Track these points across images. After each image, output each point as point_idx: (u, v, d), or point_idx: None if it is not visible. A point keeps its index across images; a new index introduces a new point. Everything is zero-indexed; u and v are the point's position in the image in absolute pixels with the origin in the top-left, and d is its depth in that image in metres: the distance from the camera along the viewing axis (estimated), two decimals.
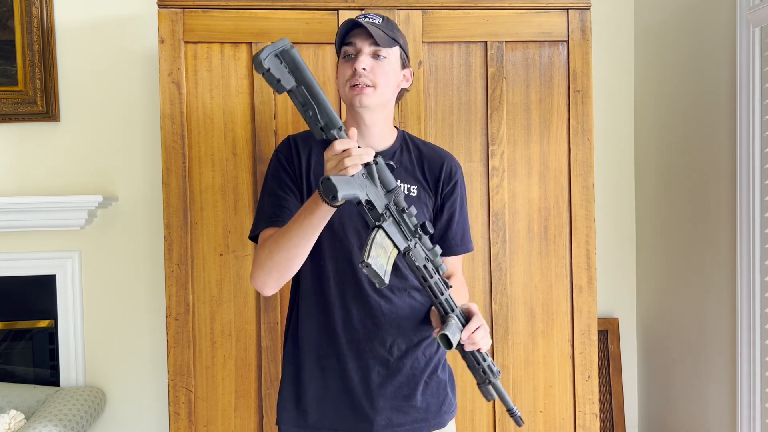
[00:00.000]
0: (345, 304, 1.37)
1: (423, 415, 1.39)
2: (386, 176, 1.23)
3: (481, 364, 1.30)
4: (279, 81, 1.15)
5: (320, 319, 1.39)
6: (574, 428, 1.90)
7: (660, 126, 2.36)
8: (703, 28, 2.11)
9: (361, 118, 1.38)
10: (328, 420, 1.37)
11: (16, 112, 2.21)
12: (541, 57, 1.88)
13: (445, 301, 1.27)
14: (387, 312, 1.37)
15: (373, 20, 1.36)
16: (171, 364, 1.79)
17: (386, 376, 1.37)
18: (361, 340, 1.36)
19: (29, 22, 2.19)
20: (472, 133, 1.86)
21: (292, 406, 1.40)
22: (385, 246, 1.21)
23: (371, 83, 1.33)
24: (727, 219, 2.00)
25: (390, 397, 1.37)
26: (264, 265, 1.30)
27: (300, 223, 1.25)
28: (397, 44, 1.37)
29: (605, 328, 2.46)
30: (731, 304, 1.99)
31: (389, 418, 1.36)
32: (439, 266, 1.28)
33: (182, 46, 1.78)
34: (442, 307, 1.28)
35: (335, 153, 1.17)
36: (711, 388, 2.11)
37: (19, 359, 2.29)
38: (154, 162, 2.26)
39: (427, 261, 1.26)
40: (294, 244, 1.26)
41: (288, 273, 1.30)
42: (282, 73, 1.15)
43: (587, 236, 1.88)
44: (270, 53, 1.13)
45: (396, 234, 1.23)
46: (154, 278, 2.28)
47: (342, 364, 1.37)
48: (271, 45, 1.15)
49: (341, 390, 1.37)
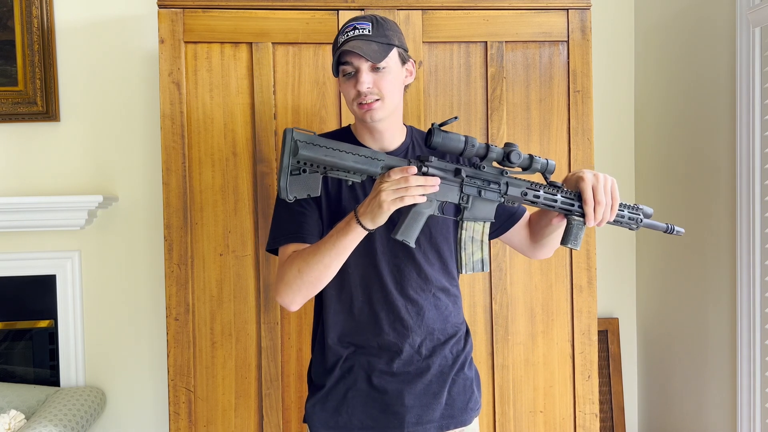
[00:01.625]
0: (372, 309, 1.37)
1: (450, 411, 1.40)
2: (450, 143, 1.23)
3: (624, 218, 1.33)
4: (309, 195, 1.19)
5: (348, 324, 1.39)
6: (574, 428, 1.90)
7: (660, 126, 2.36)
8: (703, 28, 2.11)
9: (372, 127, 1.38)
10: (358, 420, 1.38)
11: (16, 112, 2.21)
12: (541, 57, 1.88)
13: (560, 206, 1.29)
14: (414, 314, 1.38)
15: (363, 30, 1.31)
16: (171, 364, 1.79)
17: (415, 374, 1.38)
18: (390, 343, 1.37)
19: (29, 22, 2.19)
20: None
21: (321, 408, 1.40)
22: (474, 235, 1.28)
23: (378, 96, 1.32)
24: (727, 219, 2.00)
25: (419, 395, 1.38)
26: (292, 284, 1.30)
27: (332, 244, 1.25)
28: (392, 48, 1.33)
29: (605, 328, 2.46)
30: (731, 304, 1.99)
31: (419, 415, 1.38)
32: (544, 169, 1.28)
33: (182, 46, 1.78)
34: (564, 210, 1.29)
35: (395, 178, 1.18)
36: (711, 388, 2.11)
37: (19, 359, 2.29)
38: (154, 162, 2.26)
39: (527, 188, 1.28)
40: (326, 265, 1.27)
41: (316, 290, 1.32)
42: (307, 181, 1.18)
43: (587, 236, 1.88)
44: (286, 181, 1.17)
45: (480, 208, 1.27)
46: (154, 278, 2.28)
47: (371, 366, 1.38)
48: (281, 165, 1.18)
49: (371, 390, 1.38)
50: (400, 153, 1.41)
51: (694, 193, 2.18)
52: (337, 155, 1.19)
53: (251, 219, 1.81)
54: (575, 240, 1.30)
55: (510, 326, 1.88)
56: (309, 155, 1.17)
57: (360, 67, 1.30)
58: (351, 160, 1.20)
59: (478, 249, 1.28)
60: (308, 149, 1.17)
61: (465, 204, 1.27)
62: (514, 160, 1.25)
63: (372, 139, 1.40)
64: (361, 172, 1.21)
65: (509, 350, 1.88)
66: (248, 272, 1.81)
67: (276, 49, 1.81)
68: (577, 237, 1.30)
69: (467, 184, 1.26)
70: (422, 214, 1.23)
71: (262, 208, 1.80)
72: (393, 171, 1.19)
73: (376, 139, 1.40)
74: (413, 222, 1.23)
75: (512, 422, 1.88)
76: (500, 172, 1.28)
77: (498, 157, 1.26)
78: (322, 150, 1.18)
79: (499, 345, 1.87)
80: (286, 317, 1.82)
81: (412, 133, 1.47)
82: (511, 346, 1.88)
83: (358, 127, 1.42)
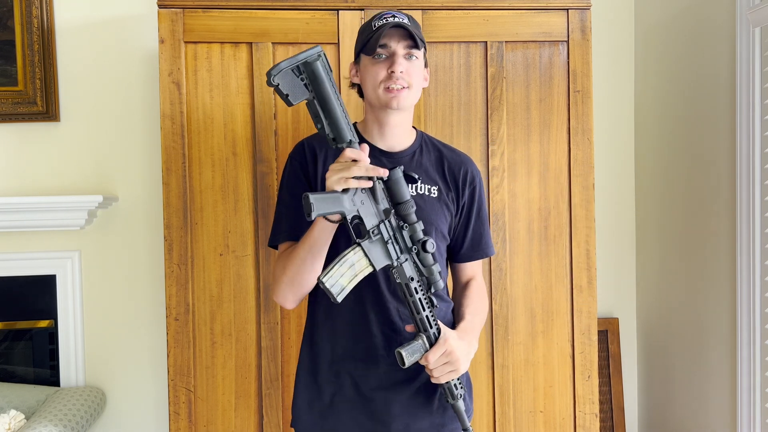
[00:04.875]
0: (363, 310, 1.35)
1: (440, 420, 1.37)
2: (399, 189, 1.24)
3: (452, 388, 1.32)
4: (287, 96, 1.17)
5: (337, 324, 1.38)
6: (574, 428, 1.90)
7: (660, 126, 2.36)
8: (703, 28, 2.11)
9: (386, 120, 1.37)
10: (344, 425, 1.36)
11: (16, 112, 2.21)
12: (541, 57, 1.88)
13: (421, 319, 1.27)
14: (405, 318, 1.35)
15: (402, 20, 1.33)
16: (171, 364, 1.79)
17: (403, 381, 1.35)
18: (379, 346, 1.35)
19: (29, 22, 2.19)
20: (472, 133, 1.86)
21: (307, 410, 1.39)
22: (356, 265, 1.23)
23: (407, 84, 1.32)
24: (727, 219, 2.00)
25: (406, 403, 1.35)
26: (280, 281, 1.33)
27: (305, 239, 1.28)
28: (423, 44, 1.35)
29: (605, 328, 2.46)
30: (731, 304, 1.99)
31: (406, 423, 1.34)
32: (434, 282, 1.28)
33: (182, 46, 1.78)
34: (422, 325, 1.28)
35: (344, 161, 1.19)
36: (711, 388, 2.11)
37: (19, 359, 2.29)
38: (154, 162, 2.26)
39: (411, 280, 1.26)
40: (302, 259, 1.28)
41: (304, 287, 1.31)
42: (294, 86, 1.17)
43: (587, 236, 1.88)
44: (286, 68, 1.16)
45: (378, 252, 1.23)
46: (154, 278, 2.28)
47: (359, 370, 1.36)
48: (295, 56, 1.17)
49: (357, 395, 1.35)
50: (408, 155, 1.41)
51: (694, 193, 2.18)
52: (334, 96, 1.18)
53: (251, 219, 1.81)
54: (410, 354, 1.25)
55: (510, 326, 1.88)
56: (317, 72, 1.17)
57: (397, 51, 1.31)
58: (338, 109, 1.19)
59: (348, 279, 1.22)
60: (321, 69, 1.17)
61: (371, 236, 1.23)
62: (428, 249, 1.25)
63: (380, 137, 1.39)
64: (334, 127, 1.19)
65: (509, 350, 1.88)
66: (248, 272, 1.81)
67: (276, 49, 1.81)
68: (414, 354, 1.26)
69: (386, 225, 1.25)
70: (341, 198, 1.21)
71: (262, 208, 1.80)
72: (346, 151, 1.19)
73: (384, 135, 1.39)
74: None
75: (512, 422, 1.88)
76: (409, 249, 1.27)
77: (416, 237, 1.26)
78: (328, 80, 1.18)
79: (499, 345, 1.87)
80: (286, 317, 1.82)
81: (422, 137, 1.47)
82: (510, 346, 1.88)
83: (367, 122, 1.42)
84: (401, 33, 1.31)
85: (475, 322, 1.40)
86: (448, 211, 1.41)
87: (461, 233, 1.46)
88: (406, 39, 1.32)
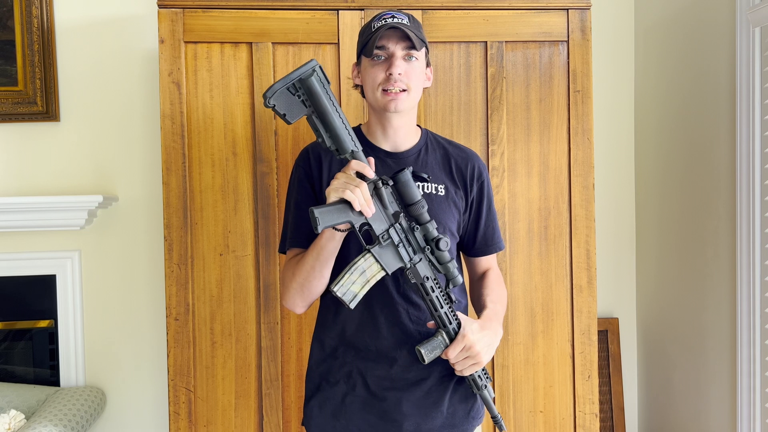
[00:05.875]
0: (372, 312, 1.35)
1: (450, 420, 1.37)
2: (410, 191, 1.25)
3: (477, 379, 1.34)
4: (285, 115, 1.18)
5: (347, 326, 1.38)
6: (574, 428, 1.90)
7: (660, 126, 2.36)
8: (703, 28, 2.11)
9: (389, 121, 1.37)
10: (355, 425, 1.36)
11: (16, 112, 2.21)
12: (541, 57, 1.88)
13: (439, 316, 1.29)
14: (415, 319, 1.36)
15: (401, 20, 1.32)
16: (171, 364, 1.79)
17: (414, 381, 1.35)
18: (390, 347, 1.35)
19: (29, 22, 2.19)
20: (472, 133, 1.86)
21: (319, 412, 1.39)
22: (367, 271, 1.24)
23: (405, 87, 1.32)
24: (727, 219, 2.00)
25: (418, 403, 1.35)
26: (289, 287, 1.34)
27: (313, 247, 1.29)
28: (424, 44, 1.34)
29: (605, 328, 2.46)
30: (731, 304, 1.99)
31: (417, 423, 1.34)
32: (452, 279, 1.29)
33: (182, 46, 1.78)
34: (440, 321, 1.29)
35: (349, 172, 1.21)
36: (711, 388, 2.11)
37: (19, 359, 2.29)
38: (154, 162, 2.26)
39: (427, 279, 1.27)
40: (311, 267, 1.29)
41: (314, 293, 1.32)
42: (291, 105, 1.18)
43: (587, 236, 1.88)
44: (281, 88, 1.17)
45: (389, 256, 1.25)
46: (154, 278, 2.28)
47: (370, 371, 1.36)
48: (289, 75, 1.17)
49: (369, 396, 1.36)
50: (413, 154, 1.41)
51: (694, 193, 2.18)
52: (332, 109, 1.19)
53: (251, 219, 1.81)
54: (430, 351, 1.27)
55: (510, 326, 1.88)
56: (313, 88, 1.18)
57: (395, 53, 1.31)
58: (338, 121, 1.20)
59: (360, 285, 1.24)
60: (317, 84, 1.18)
61: (382, 241, 1.25)
62: (442, 247, 1.26)
63: (384, 138, 1.39)
64: (335, 139, 1.21)
65: (509, 350, 1.88)
66: (248, 272, 1.81)
67: (276, 49, 1.81)
68: (433, 351, 1.28)
69: (396, 229, 1.26)
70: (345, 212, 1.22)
71: (262, 208, 1.80)
72: (352, 163, 1.21)
73: (388, 136, 1.39)
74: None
75: (512, 422, 1.88)
76: (423, 248, 1.28)
77: (429, 236, 1.27)
78: (325, 93, 1.19)
79: (499, 345, 1.86)
80: (286, 317, 1.82)
81: (428, 135, 1.46)
82: (511, 345, 1.88)
83: (371, 124, 1.42)
84: (399, 34, 1.30)
85: (498, 308, 1.41)
86: (456, 208, 1.41)
87: (473, 229, 1.46)
88: (404, 40, 1.31)
